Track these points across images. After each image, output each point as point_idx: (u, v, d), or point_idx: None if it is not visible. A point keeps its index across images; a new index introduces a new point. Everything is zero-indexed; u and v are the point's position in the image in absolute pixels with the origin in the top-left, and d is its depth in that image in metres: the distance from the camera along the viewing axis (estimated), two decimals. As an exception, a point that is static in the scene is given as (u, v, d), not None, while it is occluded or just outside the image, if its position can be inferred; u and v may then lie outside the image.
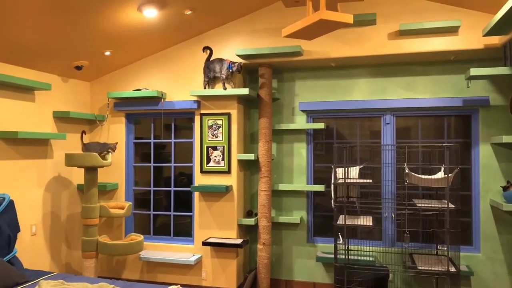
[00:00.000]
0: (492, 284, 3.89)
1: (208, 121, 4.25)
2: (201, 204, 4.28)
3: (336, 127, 4.40)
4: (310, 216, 4.41)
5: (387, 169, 4.18)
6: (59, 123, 4.26)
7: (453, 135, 4.11)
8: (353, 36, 3.89)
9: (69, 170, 4.41)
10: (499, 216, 3.91)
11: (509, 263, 3.87)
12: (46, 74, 4.11)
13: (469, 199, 4.04)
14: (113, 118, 4.62)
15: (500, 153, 3.92)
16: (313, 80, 4.39)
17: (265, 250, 4.17)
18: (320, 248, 4.34)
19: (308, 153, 4.43)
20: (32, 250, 3.91)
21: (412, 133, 4.20)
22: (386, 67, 4.20)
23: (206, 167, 4.26)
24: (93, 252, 3.95)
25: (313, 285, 4.35)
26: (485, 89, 3.95)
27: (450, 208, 3.26)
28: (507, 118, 3.89)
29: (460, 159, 4.07)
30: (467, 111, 4.05)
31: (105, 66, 4.43)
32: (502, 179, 3.90)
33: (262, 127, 4.19)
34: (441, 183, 3.30)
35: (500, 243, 3.90)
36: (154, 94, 4.24)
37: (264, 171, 4.18)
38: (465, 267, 3.90)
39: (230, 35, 4.23)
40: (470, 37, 3.63)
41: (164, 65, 4.44)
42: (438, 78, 4.07)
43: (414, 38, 3.74)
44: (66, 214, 4.38)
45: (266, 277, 4.18)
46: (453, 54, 3.80)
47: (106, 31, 3.62)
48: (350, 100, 4.24)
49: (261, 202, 4.18)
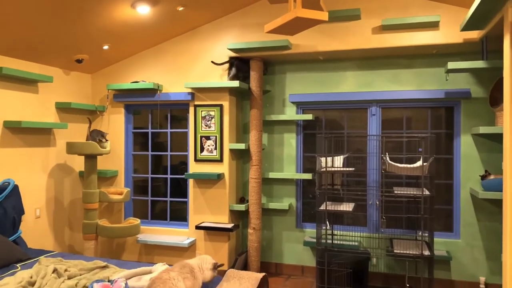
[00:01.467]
0: (471, 269, 4.07)
1: (201, 112, 4.47)
2: (195, 191, 4.51)
3: (325, 118, 4.58)
4: (299, 203, 4.62)
5: (372, 158, 4.36)
6: (61, 113, 4.52)
7: (437, 126, 4.26)
8: (339, 31, 4.05)
9: (71, 158, 4.68)
10: (478, 204, 4.07)
11: (487, 249, 4.03)
12: (48, 67, 4.36)
13: (450, 188, 4.21)
14: (113, 108, 4.87)
15: (480, 144, 4.07)
16: (302, 72, 4.57)
17: (255, 234, 4.40)
18: (308, 233, 4.55)
19: (297, 143, 4.62)
20: (36, 232, 4.19)
21: (397, 124, 4.37)
22: (372, 60, 4.36)
23: (200, 156, 4.49)
24: (93, 234, 4.22)
25: (301, 268, 4.58)
26: (467, 82, 4.09)
27: (425, 195, 3.44)
28: (487, 110, 4.03)
29: (444, 149, 4.23)
30: (449, 103, 4.20)
31: (104, 59, 4.66)
32: (481, 168, 4.06)
33: (253, 118, 4.40)
34: (417, 172, 3.48)
35: (479, 229, 4.06)
36: (150, 86, 4.47)
37: (254, 160, 4.39)
38: (445, 252, 4.08)
39: (222, 29, 4.43)
40: (450, 31, 3.77)
41: (160, 58, 4.66)
42: (422, 71, 4.22)
43: (397, 32, 3.89)
44: (69, 199, 4.66)
45: (257, 260, 4.41)
46: (435, 48, 3.94)
47: (104, 26, 3.84)
48: (338, 92, 4.41)
49: (251, 189, 4.40)
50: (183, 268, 1.80)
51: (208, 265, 1.96)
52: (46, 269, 2.76)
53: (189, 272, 1.79)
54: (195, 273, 1.81)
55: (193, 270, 1.81)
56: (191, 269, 1.80)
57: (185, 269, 1.80)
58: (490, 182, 3.70)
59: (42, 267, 2.84)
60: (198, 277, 1.83)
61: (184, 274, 1.77)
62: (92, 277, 2.82)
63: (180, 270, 1.78)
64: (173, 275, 1.72)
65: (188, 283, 1.75)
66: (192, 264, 1.86)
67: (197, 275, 1.82)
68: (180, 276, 1.75)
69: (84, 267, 2.98)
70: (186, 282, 1.75)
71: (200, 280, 1.84)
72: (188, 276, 1.78)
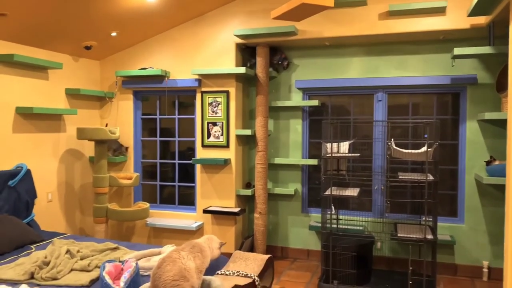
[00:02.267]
0: (474, 253, 4.13)
1: (208, 98, 4.52)
2: (202, 176, 4.59)
3: (331, 104, 4.61)
4: (304, 188, 4.68)
5: (378, 144, 4.40)
6: (71, 100, 4.60)
7: (443, 112, 4.28)
8: (345, 17, 4.05)
9: (81, 143, 4.77)
10: (482, 189, 4.10)
11: (491, 233, 4.08)
12: (58, 54, 4.43)
13: (455, 173, 4.24)
14: (121, 95, 4.93)
15: (486, 130, 4.08)
16: (308, 58, 4.59)
17: (261, 218, 4.48)
18: (313, 218, 4.63)
19: (303, 129, 4.67)
20: (48, 215, 4.31)
21: (403, 110, 4.38)
22: (378, 46, 4.36)
23: (207, 142, 4.55)
24: (103, 217, 4.33)
25: (306, 251, 4.66)
26: (473, 68, 4.09)
27: (429, 180, 3.48)
28: (494, 95, 4.04)
29: (450, 135, 4.25)
30: (455, 89, 4.20)
31: (113, 46, 4.71)
32: (486, 154, 4.08)
33: (259, 104, 4.44)
34: (421, 157, 3.52)
35: (483, 214, 4.10)
36: (158, 72, 4.52)
37: (260, 145, 4.45)
38: (449, 236, 4.14)
39: (229, 16, 4.44)
40: (457, 17, 3.76)
41: (168, 45, 4.69)
42: (428, 57, 4.21)
43: (403, 18, 3.89)
44: (79, 184, 4.77)
45: (263, 243, 4.50)
46: (442, 33, 3.94)
47: (112, 13, 3.88)
48: (344, 78, 4.43)
49: (257, 174, 4.47)
50: (193, 248, 1.87)
51: (216, 244, 2.04)
52: (60, 250, 2.86)
53: (199, 251, 1.86)
54: (205, 251, 1.89)
55: (203, 249, 1.88)
56: (201, 248, 1.88)
57: (195, 248, 1.87)
58: (494, 168, 3.73)
59: (56, 248, 2.94)
60: (207, 255, 1.91)
61: (195, 253, 1.84)
62: (103, 258, 2.93)
63: (191, 250, 1.86)
64: (183, 254, 1.80)
65: (198, 262, 1.83)
66: (202, 243, 1.93)
67: (206, 254, 1.89)
68: (191, 255, 1.82)
69: (96, 249, 3.08)
70: (196, 261, 1.82)
71: (209, 258, 1.91)
72: (199, 255, 1.85)
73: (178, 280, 1.70)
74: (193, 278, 1.75)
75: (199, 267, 1.83)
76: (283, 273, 4.23)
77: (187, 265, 1.76)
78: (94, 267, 2.75)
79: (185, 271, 1.74)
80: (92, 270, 2.71)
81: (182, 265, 1.74)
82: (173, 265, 1.73)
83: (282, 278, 4.08)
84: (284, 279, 4.06)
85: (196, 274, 1.78)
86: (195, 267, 1.79)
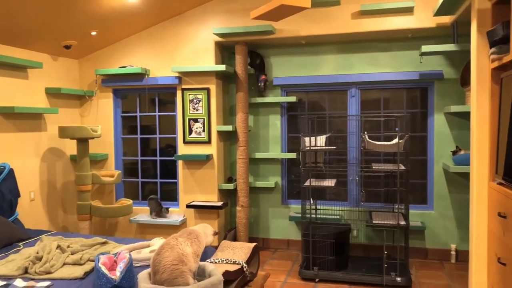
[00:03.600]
0: (443, 237, 4.42)
1: (189, 95, 4.63)
2: (184, 172, 4.71)
3: (308, 100, 4.81)
4: (284, 181, 4.87)
5: (352, 137, 4.63)
6: (51, 99, 4.61)
7: (413, 106, 4.54)
8: (320, 16, 4.24)
9: (62, 142, 4.79)
10: (450, 177, 4.39)
11: (458, 219, 4.38)
12: (37, 53, 4.43)
13: (425, 163, 4.52)
14: (101, 93, 4.97)
15: (452, 122, 4.37)
16: (286, 56, 4.76)
17: (243, 211, 4.64)
18: (293, 209, 4.82)
19: (282, 124, 4.84)
20: (32, 214, 4.33)
21: (375, 105, 4.62)
22: (351, 44, 4.58)
23: (189, 138, 4.67)
24: (87, 215, 4.39)
25: (287, 241, 4.86)
26: (440, 64, 4.36)
27: (400, 170, 3.72)
28: (459, 90, 4.32)
29: (420, 128, 4.52)
30: (424, 84, 4.47)
31: (92, 45, 4.74)
32: (453, 144, 4.37)
33: (239, 101, 4.59)
34: (393, 148, 3.75)
35: (451, 201, 4.40)
36: (138, 70, 4.59)
37: (241, 141, 4.60)
38: (420, 223, 4.41)
39: (208, 14, 4.56)
40: (424, 16, 4.01)
41: (148, 43, 4.77)
42: (398, 53, 4.46)
43: (374, 17, 4.11)
44: (61, 182, 4.79)
45: (245, 235, 4.66)
46: (410, 32, 4.18)
47: (92, 13, 3.93)
48: (319, 75, 4.63)
49: (239, 169, 4.62)
50: (190, 234, 2.01)
51: (210, 231, 2.18)
52: (51, 246, 2.93)
53: (196, 237, 2.00)
54: (200, 237, 2.03)
55: (198, 235, 2.02)
56: (197, 235, 2.02)
57: (191, 235, 2.01)
58: (460, 157, 4.02)
59: (46, 243, 3.01)
60: (203, 241, 2.05)
61: (191, 239, 1.98)
62: (93, 252, 3.01)
63: (187, 236, 1.99)
64: (181, 241, 1.93)
65: (194, 247, 1.97)
66: (197, 230, 2.07)
67: (201, 240, 2.03)
68: (188, 241, 1.96)
69: (85, 244, 3.17)
70: (193, 246, 1.96)
71: (204, 244, 2.05)
72: (195, 240, 1.99)
73: (177, 265, 1.83)
74: (190, 262, 1.89)
75: (196, 252, 1.97)
76: (266, 262, 4.40)
77: (185, 250, 1.89)
78: (86, 260, 2.84)
79: (183, 256, 1.87)
80: (84, 264, 2.80)
81: (180, 250, 1.88)
82: (172, 251, 1.87)
83: (265, 267, 4.25)
84: (267, 268, 4.24)
85: (193, 258, 1.92)
86: (192, 252, 1.93)
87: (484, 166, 2.99)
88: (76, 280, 2.58)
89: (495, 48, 2.70)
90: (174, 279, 1.82)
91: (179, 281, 1.83)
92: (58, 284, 2.51)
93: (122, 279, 2.32)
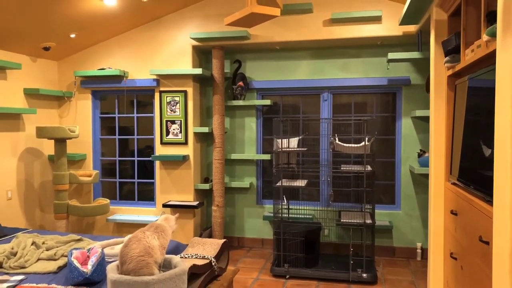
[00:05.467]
0: (409, 236, 4.63)
1: (166, 97, 4.75)
2: (161, 172, 4.82)
3: (283, 103, 4.97)
4: (259, 182, 5.02)
5: (324, 140, 4.81)
6: (29, 99, 4.67)
7: (384, 110, 4.75)
8: (293, 23, 4.42)
9: (40, 142, 4.85)
10: (416, 178, 4.61)
11: (423, 218, 4.59)
12: (16, 55, 4.50)
13: (393, 165, 4.72)
14: (80, 94, 5.05)
15: (418, 125, 4.58)
16: (261, 61, 4.92)
17: (219, 211, 4.77)
18: (267, 209, 4.97)
19: (257, 127, 5.00)
20: (8, 212, 4.38)
21: (347, 108, 4.82)
22: (324, 50, 4.76)
23: (166, 139, 4.78)
24: (64, 214, 4.46)
25: (261, 240, 5.01)
26: (407, 70, 4.58)
27: (367, 171, 3.91)
28: (424, 95, 4.54)
29: (389, 131, 4.72)
30: (392, 89, 4.68)
31: (71, 47, 4.83)
32: (419, 147, 4.58)
33: (215, 103, 4.72)
34: (360, 150, 3.94)
35: (417, 201, 4.61)
36: (117, 72, 4.69)
37: (217, 142, 4.73)
38: (387, 222, 4.61)
39: (185, 20, 4.69)
40: (391, 25, 4.22)
41: (126, 46, 4.87)
42: (368, 60, 4.66)
43: (344, 25, 4.30)
44: (39, 181, 4.85)
45: (220, 234, 4.79)
46: (379, 39, 4.39)
47: (71, 16, 4.03)
48: (293, 80, 4.80)
49: (215, 169, 4.76)
50: (157, 228, 2.14)
51: (173, 221, 2.32)
52: (26, 242, 3.02)
53: (162, 231, 2.13)
54: (166, 231, 2.16)
55: (164, 229, 2.15)
56: (163, 229, 2.15)
57: (158, 228, 2.14)
58: (424, 159, 4.23)
59: (21, 240, 3.09)
60: (169, 234, 2.18)
61: (158, 233, 2.11)
62: (68, 249, 3.11)
63: (154, 230, 2.12)
64: (147, 234, 2.06)
65: (161, 240, 2.10)
66: (163, 224, 2.20)
67: (168, 233, 2.16)
68: (155, 235, 2.08)
69: (60, 240, 3.25)
70: (160, 239, 2.09)
71: (170, 236, 2.18)
72: (162, 234, 2.12)
73: (143, 256, 1.96)
74: (156, 255, 2.01)
75: (163, 244, 2.10)
76: (239, 260, 4.54)
77: (151, 243, 2.02)
78: (60, 256, 2.93)
79: (149, 249, 2.00)
80: (58, 259, 2.89)
81: (147, 243, 2.00)
82: (139, 243, 1.99)
83: (238, 265, 4.39)
84: (240, 265, 4.38)
85: (159, 251, 2.05)
86: (158, 245, 2.06)
87: (441, 168, 3.20)
88: (49, 274, 2.68)
89: (449, 57, 2.90)
90: (140, 269, 1.95)
91: (145, 271, 1.96)
92: (32, 278, 2.61)
93: (93, 272, 2.43)
